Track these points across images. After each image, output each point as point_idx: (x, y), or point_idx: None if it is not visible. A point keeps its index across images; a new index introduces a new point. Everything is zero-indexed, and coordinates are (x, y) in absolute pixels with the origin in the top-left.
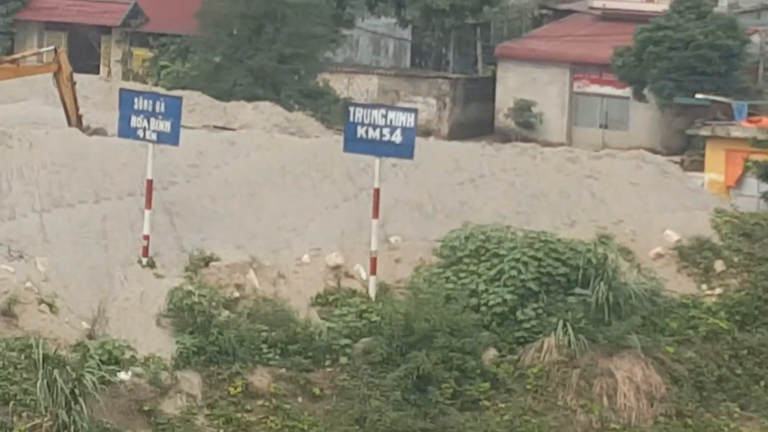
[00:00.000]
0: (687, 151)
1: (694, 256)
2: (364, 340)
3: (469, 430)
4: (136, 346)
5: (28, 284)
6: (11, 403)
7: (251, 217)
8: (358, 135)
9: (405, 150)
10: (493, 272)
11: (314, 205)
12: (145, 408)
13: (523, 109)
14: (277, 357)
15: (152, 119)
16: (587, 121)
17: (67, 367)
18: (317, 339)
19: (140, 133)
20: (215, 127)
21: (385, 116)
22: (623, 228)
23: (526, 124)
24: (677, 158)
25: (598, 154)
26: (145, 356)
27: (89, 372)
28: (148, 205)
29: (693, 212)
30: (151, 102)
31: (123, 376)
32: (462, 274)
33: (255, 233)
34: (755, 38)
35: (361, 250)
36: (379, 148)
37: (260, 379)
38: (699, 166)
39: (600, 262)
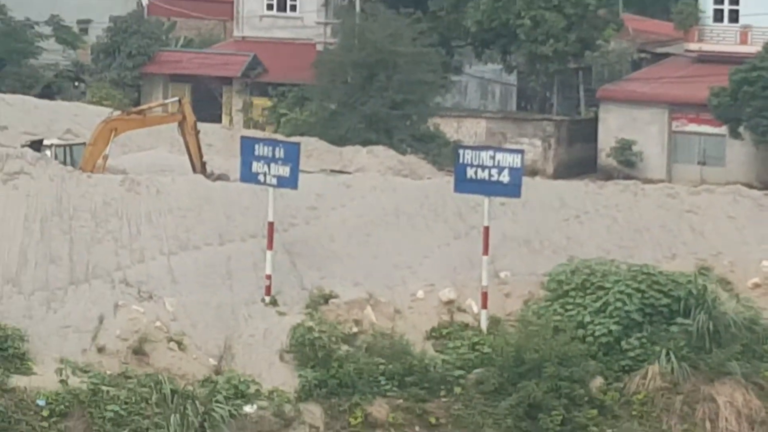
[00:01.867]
0: None
1: None
2: (476, 370)
3: None
4: (260, 380)
5: (158, 323)
6: None
7: (368, 256)
8: (468, 176)
9: (513, 189)
10: (598, 304)
11: (427, 244)
12: None
13: (624, 148)
14: (394, 388)
15: (272, 165)
16: (686, 158)
17: (197, 402)
18: (432, 371)
19: (261, 177)
20: (332, 171)
21: (493, 157)
22: (722, 260)
23: (627, 162)
24: None
25: (697, 190)
26: (269, 390)
27: (217, 405)
28: (270, 246)
29: None
30: (270, 148)
31: (249, 409)
32: (569, 307)
33: (371, 271)
34: None
35: (473, 286)
36: (488, 188)
37: (379, 409)
38: None
39: (700, 292)
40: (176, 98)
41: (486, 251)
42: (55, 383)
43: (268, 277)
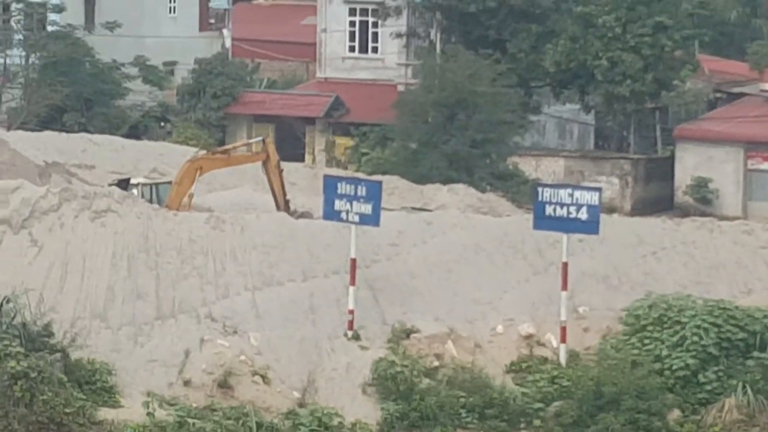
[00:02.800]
0: None
1: None
2: (555, 403)
3: None
4: (343, 413)
5: (242, 357)
6: None
7: (448, 292)
8: (547, 213)
9: (591, 226)
10: (675, 338)
11: (507, 279)
12: None
13: (700, 185)
14: (475, 421)
15: (354, 202)
16: (761, 195)
17: None
18: (512, 403)
19: (343, 215)
20: (413, 208)
21: (571, 195)
22: None
23: (703, 199)
24: None
25: None
26: (352, 422)
27: None
28: (352, 281)
29: None
30: (353, 187)
31: None
32: (646, 341)
33: (452, 306)
34: None
35: (552, 320)
36: (567, 225)
37: None
38: None
39: None
40: (260, 138)
41: (565, 287)
42: (142, 416)
43: (351, 312)
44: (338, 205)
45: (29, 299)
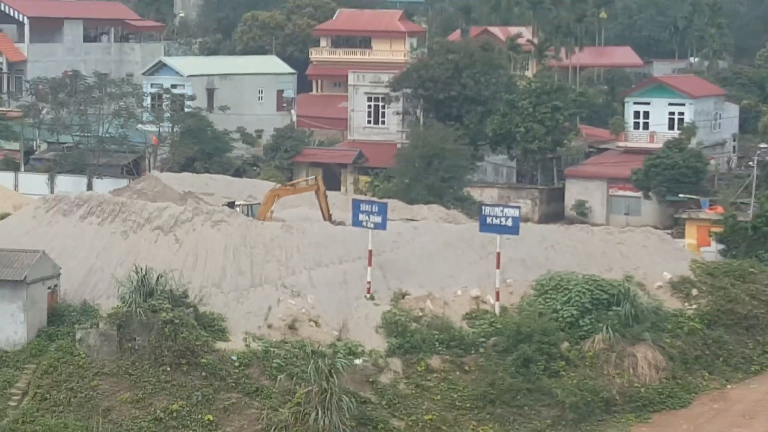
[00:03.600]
0: (675, 227)
1: (680, 286)
2: (493, 339)
3: (554, 388)
4: (364, 344)
5: (303, 311)
6: (294, 377)
7: (428, 270)
8: (488, 222)
9: (514, 230)
10: (565, 298)
11: (463, 263)
12: (370, 380)
13: (580, 205)
14: (444, 349)
15: (371, 215)
16: (617, 211)
17: (326, 357)
18: (467, 338)
19: (364, 223)
20: (406, 219)
21: (502, 211)
22: (639, 272)
23: (582, 214)
24: (669, 231)
25: (624, 230)
26: (369, 350)
27: (338, 360)
28: (370, 264)
29: (679, 262)
30: (370, 206)
31: (357, 361)
32: (548, 300)
33: (430, 279)
34: (712, 162)
35: (491, 287)
36: (499, 229)
37: (435, 362)
38: (682, 235)
39: (626, 291)
40: (313, 176)
41: (498, 267)
42: (242, 346)
43: (369, 283)
44: (361, 217)
45: (174, 275)
